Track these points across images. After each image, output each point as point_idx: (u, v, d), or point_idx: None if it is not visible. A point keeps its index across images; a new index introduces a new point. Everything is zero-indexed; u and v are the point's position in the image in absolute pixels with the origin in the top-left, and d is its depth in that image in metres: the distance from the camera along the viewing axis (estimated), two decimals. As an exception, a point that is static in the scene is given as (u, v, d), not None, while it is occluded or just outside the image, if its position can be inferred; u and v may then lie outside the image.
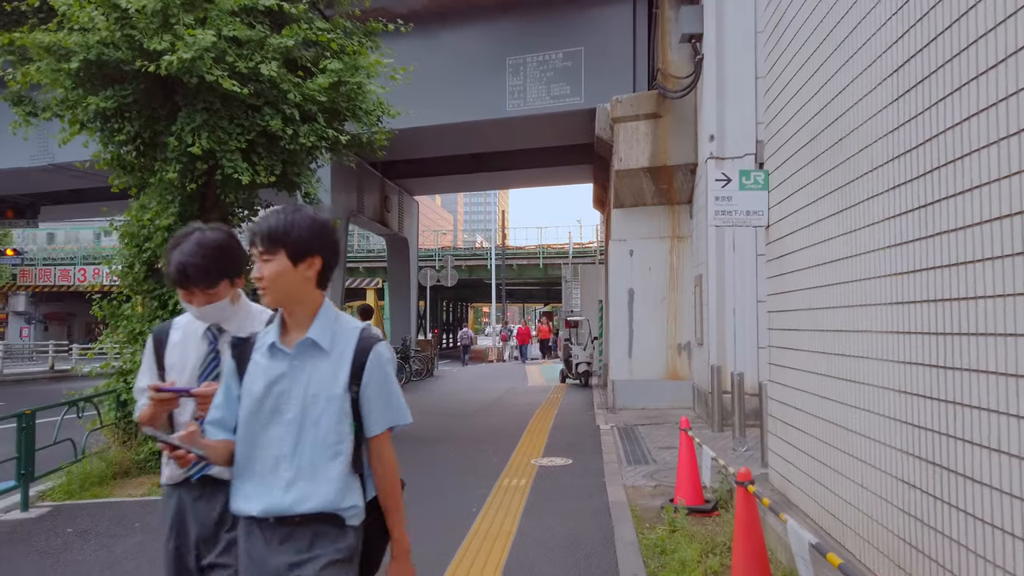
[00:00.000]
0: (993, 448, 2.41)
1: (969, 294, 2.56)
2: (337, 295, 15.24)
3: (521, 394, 15.66)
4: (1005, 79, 2.35)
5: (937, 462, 2.80)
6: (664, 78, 11.56)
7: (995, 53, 2.41)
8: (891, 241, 3.22)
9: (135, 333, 7.96)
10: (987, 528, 2.43)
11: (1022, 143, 2.26)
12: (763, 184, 5.26)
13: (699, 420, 10.37)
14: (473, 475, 7.20)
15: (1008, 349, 2.32)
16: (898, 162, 3.15)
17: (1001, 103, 2.37)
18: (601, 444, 8.75)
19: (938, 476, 2.79)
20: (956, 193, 2.65)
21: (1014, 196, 2.30)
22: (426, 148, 17.23)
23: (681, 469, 5.52)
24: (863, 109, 3.54)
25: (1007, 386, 2.33)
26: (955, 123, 2.66)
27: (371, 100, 7.95)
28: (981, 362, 2.48)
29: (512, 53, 13.74)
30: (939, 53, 2.78)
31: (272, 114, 7.04)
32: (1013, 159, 2.30)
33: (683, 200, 12.01)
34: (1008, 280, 2.32)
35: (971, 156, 2.55)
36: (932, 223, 2.83)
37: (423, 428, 10.56)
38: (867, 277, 3.48)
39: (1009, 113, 2.32)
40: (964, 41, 2.60)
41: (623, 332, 12.25)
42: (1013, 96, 2.30)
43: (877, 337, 3.38)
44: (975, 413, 2.52)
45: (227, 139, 6.94)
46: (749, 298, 9.73)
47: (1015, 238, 2.29)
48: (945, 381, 2.74)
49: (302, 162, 7.59)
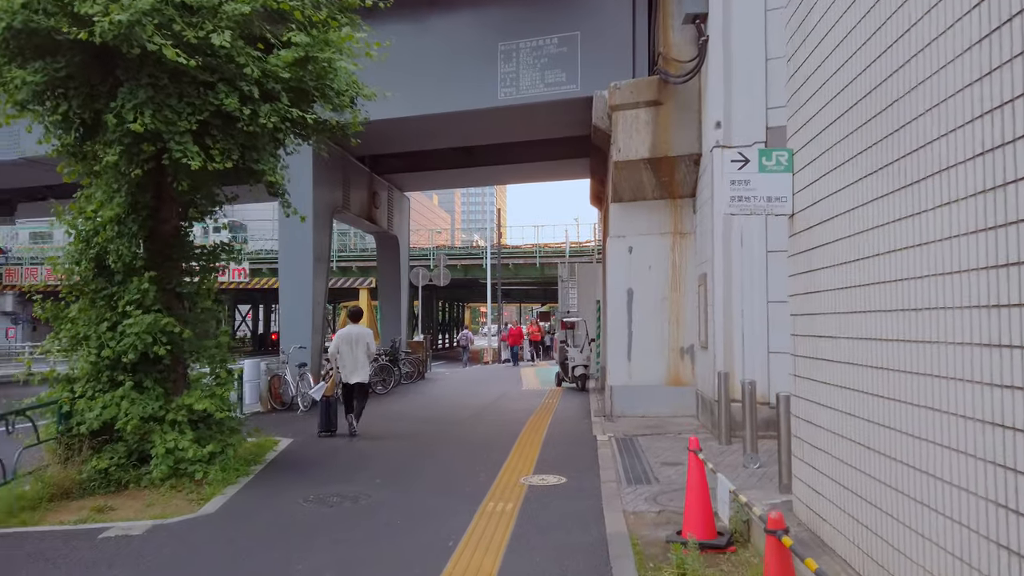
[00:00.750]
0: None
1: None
2: (320, 294, 14.45)
3: (515, 399, 14.88)
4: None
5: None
6: (666, 62, 10.78)
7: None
8: (977, 225, 2.44)
9: (79, 338, 7.17)
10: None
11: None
12: (787, 165, 4.49)
13: (704, 430, 9.60)
14: (455, 497, 6.42)
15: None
16: (992, 117, 2.37)
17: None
18: (598, 458, 7.97)
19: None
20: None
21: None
22: (416, 141, 16.43)
23: (691, 497, 4.73)
24: (940, 50, 2.74)
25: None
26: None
27: (343, 79, 7.16)
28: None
29: (504, 38, 12.94)
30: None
31: (227, 92, 6.25)
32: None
33: (686, 193, 11.23)
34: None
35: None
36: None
37: (405, 438, 9.78)
38: (940, 273, 2.70)
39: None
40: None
41: (622, 334, 11.47)
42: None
43: (953, 350, 2.60)
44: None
45: (175, 119, 6.15)
46: (759, 298, 8.96)
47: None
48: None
49: (263, 147, 6.79)
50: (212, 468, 7.04)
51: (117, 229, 7.24)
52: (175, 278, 7.62)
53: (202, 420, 7.42)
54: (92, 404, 7.01)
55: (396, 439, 9.84)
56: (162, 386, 7.39)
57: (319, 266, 14.26)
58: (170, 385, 7.50)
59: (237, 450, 7.83)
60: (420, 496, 6.49)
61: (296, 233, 13.72)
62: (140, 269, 7.29)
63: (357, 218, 17.27)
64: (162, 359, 7.26)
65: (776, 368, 8.85)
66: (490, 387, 17.85)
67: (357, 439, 9.70)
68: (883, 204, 3.20)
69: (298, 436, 10.00)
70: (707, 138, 10.00)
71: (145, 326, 6.92)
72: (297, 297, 14.03)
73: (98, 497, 6.59)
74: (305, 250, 13.88)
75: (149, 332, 6.94)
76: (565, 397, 15.09)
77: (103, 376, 7.18)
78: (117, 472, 6.91)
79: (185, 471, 6.92)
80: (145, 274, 7.15)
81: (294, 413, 12.54)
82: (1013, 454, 2.25)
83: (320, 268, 14.33)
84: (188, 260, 7.80)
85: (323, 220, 14.61)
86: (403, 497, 6.43)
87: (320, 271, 14.35)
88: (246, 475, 7.40)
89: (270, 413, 12.80)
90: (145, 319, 6.95)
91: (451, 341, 57.94)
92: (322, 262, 14.52)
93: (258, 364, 13.34)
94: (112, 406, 6.97)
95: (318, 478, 7.33)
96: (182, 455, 6.87)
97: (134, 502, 6.48)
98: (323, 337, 14.67)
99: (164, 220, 7.65)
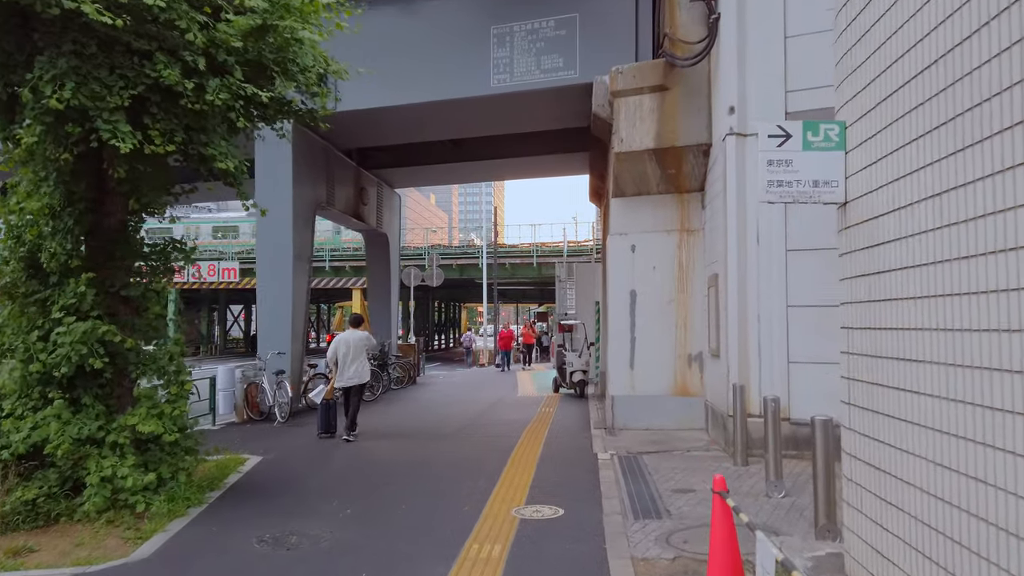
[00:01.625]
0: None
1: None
2: (301, 296, 13.52)
3: (509, 407, 13.97)
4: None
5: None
6: (672, 44, 9.88)
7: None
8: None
9: (4, 348, 6.26)
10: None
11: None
12: (838, 141, 3.59)
13: (715, 447, 8.71)
14: (434, 536, 5.52)
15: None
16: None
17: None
18: (599, 482, 7.08)
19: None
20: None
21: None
22: (405, 133, 15.50)
23: (716, 557, 3.83)
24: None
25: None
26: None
27: (308, 54, 6.25)
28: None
29: (497, 21, 12.03)
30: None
31: (167, 62, 5.34)
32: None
33: (694, 187, 10.33)
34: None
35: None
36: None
37: (385, 456, 8.86)
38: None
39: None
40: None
41: (624, 340, 10.57)
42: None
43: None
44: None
45: (105, 93, 5.23)
46: (777, 302, 8.06)
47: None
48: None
49: (213, 128, 5.86)
50: (157, 499, 6.13)
51: (52, 224, 6.35)
52: (120, 280, 6.71)
53: (152, 440, 6.52)
54: (21, 424, 6.11)
55: (375, 457, 8.93)
56: (104, 403, 6.48)
57: (300, 266, 13.32)
58: (113, 402, 6.59)
59: (192, 474, 6.93)
60: (393, 535, 5.57)
61: (275, 230, 12.80)
62: (78, 269, 6.39)
63: (343, 215, 16.35)
64: (103, 373, 6.36)
65: (797, 380, 7.96)
66: (484, 393, 16.94)
67: (338, 451, 8.81)
68: (999, 183, 2.31)
69: (270, 452, 9.09)
70: (718, 125, 9.11)
71: (79, 335, 6.01)
72: (276, 299, 13.09)
73: (21, 534, 5.67)
74: (284, 248, 12.94)
75: (84, 342, 6.03)
76: (563, 405, 14.19)
77: (34, 392, 6.28)
78: (47, 504, 5.98)
79: (125, 502, 6.01)
80: (83, 275, 6.25)
81: (271, 425, 11.63)
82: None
83: (301, 268, 13.39)
84: (136, 259, 6.88)
85: (304, 217, 13.68)
86: (372, 538, 5.52)
87: (301, 271, 13.40)
88: (199, 504, 6.48)
89: (245, 424, 11.89)
90: (79, 327, 6.04)
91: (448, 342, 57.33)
92: (303, 261, 13.58)
93: (233, 371, 12.42)
94: (43, 427, 6.06)
95: (280, 508, 6.42)
96: (121, 484, 5.96)
97: (61, 540, 5.57)
98: (304, 343, 13.74)
99: (108, 214, 6.74)
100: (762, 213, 8.15)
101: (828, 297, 7.96)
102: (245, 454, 8.84)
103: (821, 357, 7.85)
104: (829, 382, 7.81)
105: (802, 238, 7.94)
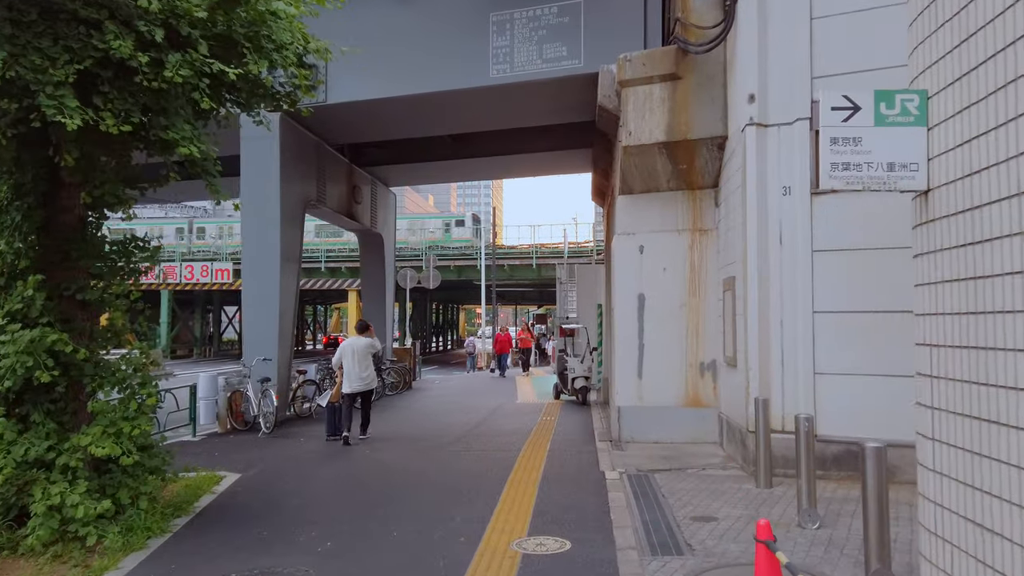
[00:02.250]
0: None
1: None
2: (288, 299, 12.80)
3: (509, 416, 13.28)
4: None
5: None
6: (684, 29, 9.19)
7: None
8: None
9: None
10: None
11: None
12: (919, 115, 2.91)
13: (732, 464, 8.02)
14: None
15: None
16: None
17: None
18: (610, 507, 6.38)
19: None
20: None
21: None
22: (400, 127, 14.79)
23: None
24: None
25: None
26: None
27: (284, 29, 5.56)
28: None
29: (496, 8, 11.34)
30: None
31: (117, 32, 4.65)
32: None
33: (707, 184, 9.65)
34: None
35: None
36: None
37: (372, 474, 8.14)
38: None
39: None
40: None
41: (631, 347, 9.88)
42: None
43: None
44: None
45: (47, 66, 4.54)
46: (802, 308, 7.38)
47: None
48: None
49: (175, 110, 5.17)
50: (112, 529, 5.44)
51: (0, 221, 5.67)
52: (77, 282, 6.01)
53: (113, 460, 5.83)
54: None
55: (364, 473, 8.24)
56: (56, 420, 5.80)
57: (288, 267, 12.60)
58: (67, 419, 5.90)
59: (157, 497, 6.23)
60: (380, 574, 4.88)
61: (260, 229, 12.10)
62: (27, 271, 5.70)
63: (335, 214, 15.64)
64: (55, 386, 5.67)
65: (824, 393, 7.28)
66: (482, 399, 16.24)
67: (324, 466, 8.14)
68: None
69: (251, 468, 8.39)
70: (735, 116, 8.43)
71: (24, 344, 5.31)
72: (261, 302, 12.37)
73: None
74: (271, 248, 12.22)
75: (30, 352, 5.34)
76: (564, 413, 13.50)
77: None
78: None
79: (75, 534, 5.31)
80: (31, 277, 5.57)
81: (255, 435, 10.92)
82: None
83: (289, 269, 12.67)
84: (95, 260, 6.18)
85: (293, 215, 12.96)
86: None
87: (289, 272, 12.69)
88: (162, 534, 5.78)
89: (228, 435, 11.19)
90: (25, 335, 5.35)
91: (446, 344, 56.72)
92: (291, 262, 12.86)
93: (215, 378, 11.72)
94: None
95: (252, 539, 5.72)
96: (71, 513, 5.26)
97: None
98: (291, 349, 13.03)
99: (64, 209, 6.04)
100: (785, 210, 7.48)
101: (860, 303, 7.32)
102: (222, 470, 8.13)
103: (851, 368, 7.18)
104: (861, 396, 7.22)
105: (830, 238, 7.26)
